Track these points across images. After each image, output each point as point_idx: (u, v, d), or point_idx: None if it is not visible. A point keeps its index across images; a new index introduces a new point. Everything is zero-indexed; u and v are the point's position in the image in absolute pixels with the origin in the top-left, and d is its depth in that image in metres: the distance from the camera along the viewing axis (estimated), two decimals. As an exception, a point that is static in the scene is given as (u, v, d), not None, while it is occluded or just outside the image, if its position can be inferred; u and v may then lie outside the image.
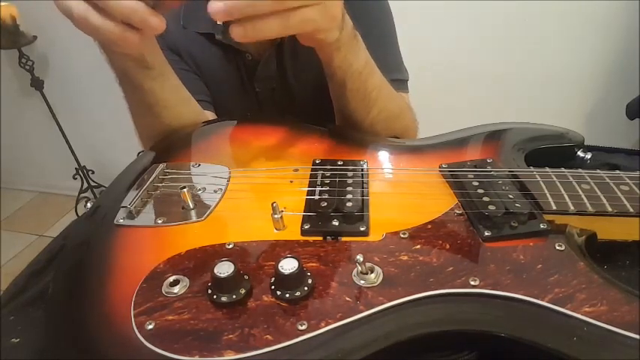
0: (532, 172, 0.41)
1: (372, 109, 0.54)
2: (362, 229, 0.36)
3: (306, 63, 0.69)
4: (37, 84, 1.73)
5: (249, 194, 0.43)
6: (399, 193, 0.43)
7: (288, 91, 0.72)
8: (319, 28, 0.42)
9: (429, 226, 0.37)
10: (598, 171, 0.40)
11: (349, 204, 0.38)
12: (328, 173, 0.44)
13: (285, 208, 0.39)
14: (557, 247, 0.34)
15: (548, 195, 0.38)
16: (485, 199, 0.38)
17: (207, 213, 0.40)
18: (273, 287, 0.32)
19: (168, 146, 0.54)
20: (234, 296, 0.31)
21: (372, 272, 0.32)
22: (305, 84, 0.71)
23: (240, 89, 0.71)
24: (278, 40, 0.67)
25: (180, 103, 0.57)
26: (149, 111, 0.54)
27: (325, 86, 0.71)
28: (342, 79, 0.51)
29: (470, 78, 1.41)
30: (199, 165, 0.48)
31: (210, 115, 0.65)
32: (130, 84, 0.51)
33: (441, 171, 0.43)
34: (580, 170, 0.40)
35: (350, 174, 0.43)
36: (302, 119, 0.56)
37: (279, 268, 0.31)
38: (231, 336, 0.29)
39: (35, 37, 1.69)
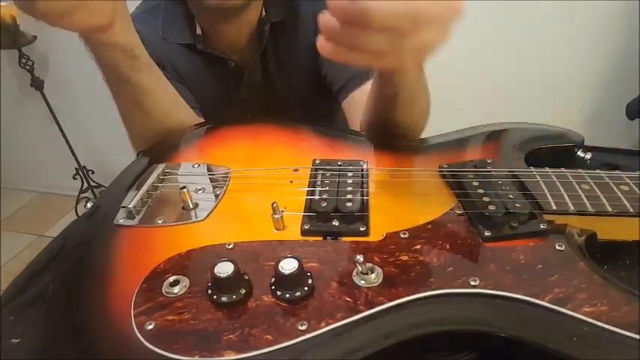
0: (532, 172, 0.41)
1: (414, 110, 0.51)
2: (362, 229, 0.36)
3: (291, 68, 0.69)
4: (37, 84, 1.73)
5: (249, 194, 0.43)
6: (399, 193, 0.43)
7: (275, 97, 0.72)
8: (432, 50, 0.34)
9: (429, 226, 0.37)
10: (598, 171, 0.40)
11: (349, 204, 0.38)
12: (328, 173, 0.44)
13: (285, 208, 0.39)
14: (558, 247, 0.34)
15: (548, 195, 0.38)
16: (486, 199, 0.38)
17: (207, 213, 0.40)
18: (273, 287, 0.32)
19: (168, 146, 0.54)
20: (234, 296, 0.31)
21: (372, 272, 0.32)
22: (292, 88, 0.71)
23: (225, 97, 0.71)
24: (263, 47, 0.67)
25: (168, 98, 0.57)
26: (139, 108, 0.54)
27: (313, 89, 0.71)
28: (396, 90, 0.46)
29: (470, 78, 1.41)
30: (199, 165, 0.48)
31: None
32: (118, 79, 0.51)
33: (441, 171, 0.43)
34: (580, 170, 0.40)
35: (350, 174, 0.43)
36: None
37: (280, 268, 0.31)
38: (231, 336, 0.29)
39: (35, 37, 1.69)
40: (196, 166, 0.48)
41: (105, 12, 0.44)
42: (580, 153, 0.48)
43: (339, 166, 0.45)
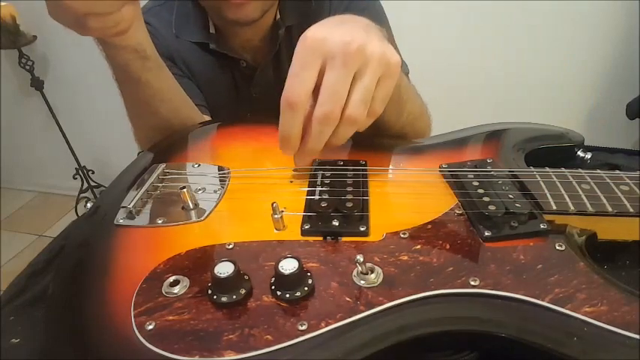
0: (532, 172, 0.41)
1: (403, 112, 0.52)
2: (362, 229, 0.36)
3: None
4: (37, 84, 1.73)
5: (249, 194, 0.43)
6: (399, 193, 0.43)
7: None
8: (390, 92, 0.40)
9: (429, 226, 0.37)
10: (598, 171, 0.40)
11: (349, 204, 0.38)
12: (328, 173, 0.44)
13: (285, 208, 0.39)
14: (558, 247, 0.34)
15: (548, 195, 0.38)
16: (486, 199, 0.38)
17: (207, 213, 0.40)
18: (273, 287, 0.32)
19: (168, 146, 0.54)
20: (234, 296, 0.31)
21: (372, 272, 0.32)
22: None
23: (235, 95, 0.71)
24: (276, 48, 0.67)
25: (176, 97, 0.57)
26: (147, 107, 0.54)
27: None
28: None
29: (470, 78, 1.41)
30: (199, 165, 0.48)
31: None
32: (128, 79, 0.51)
33: (441, 171, 0.43)
34: (580, 170, 0.40)
35: (350, 174, 0.43)
36: None
37: (279, 268, 0.31)
38: (231, 336, 0.29)
39: (35, 37, 1.69)
40: (196, 166, 0.48)
41: (128, 18, 0.44)
42: (580, 153, 0.48)
43: (339, 166, 0.45)
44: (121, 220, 0.40)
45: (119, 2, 0.42)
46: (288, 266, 0.31)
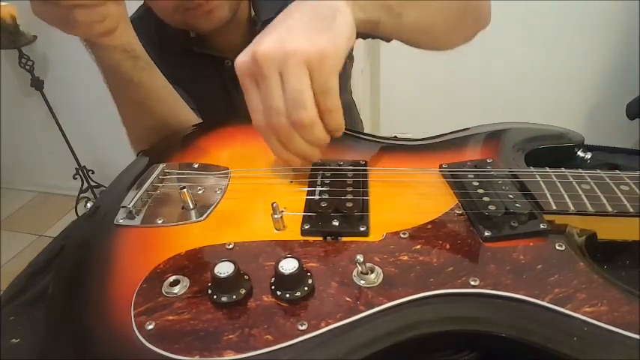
0: (532, 172, 0.41)
1: (426, 10, 0.48)
2: (362, 229, 0.36)
3: None
4: (37, 84, 1.73)
5: (249, 194, 0.43)
6: (399, 193, 0.43)
7: None
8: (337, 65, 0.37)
9: (429, 226, 0.37)
10: (598, 171, 0.40)
11: (349, 204, 0.38)
12: (328, 173, 0.44)
13: (285, 208, 0.39)
14: (558, 247, 0.34)
15: (548, 195, 0.38)
16: (486, 199, 0.38)
17: (208, 213, 0.40)
18: (273, 287, 0.32)
19: (168, 146, 0.54)
20: (234, 296, 0.31)
21: (372, 272, 0.32)
22: None
23: (224, 96, 0.71)
24: None
25: (170, 96, 0.57)
26: (142, 108, 0.54)
27: None
28: (395, 30, 0.46)
29: (470, 78, 1.41)
30: (199, 165, 0.48)
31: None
32: (120, 81, 0.51)
33: (441, 171, 0.43)
34: (580, 170, 0.40)
35: (350, 174, 0.43)
36: None
37: (279, 268, 0.31)
38: (231, 336, 0.29)
39: (35, 37, 1.69)
40: (196, 166, 0.48)
41: (114, 17, 0.44)
42: (580, 153, 0.48)
43: (339, 166, 0.45)
44: (121, 220, 0.40)
45: None
46: (288, 266, 0.31)
